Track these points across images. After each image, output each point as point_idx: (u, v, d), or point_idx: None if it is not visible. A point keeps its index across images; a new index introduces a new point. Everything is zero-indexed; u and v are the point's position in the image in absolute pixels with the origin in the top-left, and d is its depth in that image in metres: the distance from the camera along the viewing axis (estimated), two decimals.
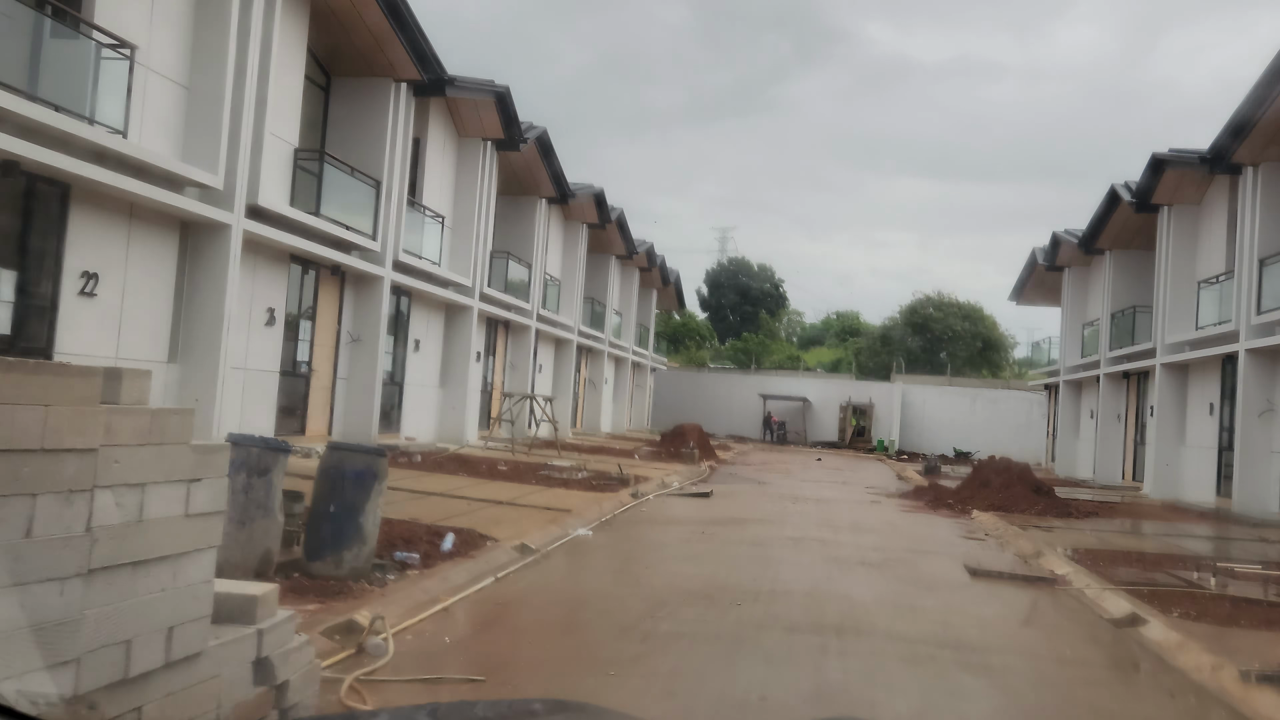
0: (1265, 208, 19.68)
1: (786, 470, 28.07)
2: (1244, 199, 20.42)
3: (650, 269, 42.94)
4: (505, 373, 28.04)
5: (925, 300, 68.00)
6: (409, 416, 21.36)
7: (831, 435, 49.98)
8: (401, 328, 21.06)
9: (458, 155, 23.14)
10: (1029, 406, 46.14)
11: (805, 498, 18.92)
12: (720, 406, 51.56)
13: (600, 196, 31.68)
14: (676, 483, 19.84)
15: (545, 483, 16.40)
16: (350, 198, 17.56)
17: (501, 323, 27.10)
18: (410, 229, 20.24)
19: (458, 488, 14.31)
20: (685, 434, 28.93)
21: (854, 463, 36.36)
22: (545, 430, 32.05)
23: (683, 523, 13.57)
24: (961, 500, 18.73)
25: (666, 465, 23.80)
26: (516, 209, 28.06)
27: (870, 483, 25.61)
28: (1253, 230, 19.77)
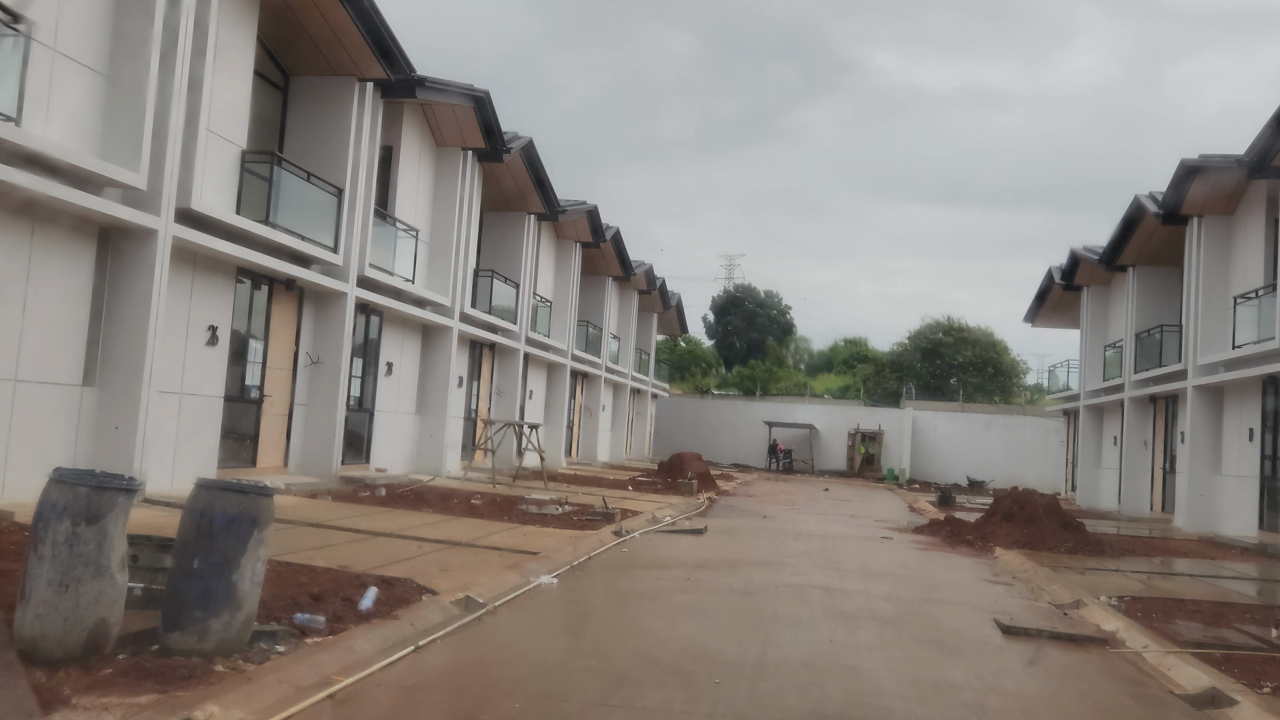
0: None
1: (791, 502, 26.34)
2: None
3: (650, 292, 41.38)
4: (491, 399, 26.41)
5: (935, 325, 66.40)
6: (380, 446, 19.73)
7: (840, 464, 48.20)
8: (371, 350, 19.47)
9: (435, 166, 21.64)
10: (1045, 433, 44.34)
11: (809, 534, 17.21)
12: (724, 434, 49.88)
13: (594, 214, 30.17)
14: (669, 517, 18.15)
15: (519, 519, 14.74)
16: (308, 206, 16.03)
17: (486, 345, 25.50)
18: (379, 243, 18.68)
19: (414, 527, 12.65)
20: (683, 464, 27.24)
21: (863, 493, 34.59)
22: (534, 460, 30.41)
23: (667, 566, 11.87)
24: (982, 536, 17.00)
25: (661, 498, 22.11)
26: (503, 226, 26.55)
27: (881, 515, 23.85)
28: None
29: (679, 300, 47.94)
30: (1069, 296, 34.89)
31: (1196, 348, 22.20)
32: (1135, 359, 27.05)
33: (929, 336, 65.06)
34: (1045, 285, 35.09)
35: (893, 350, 67.82)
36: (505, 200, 26.07)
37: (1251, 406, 20.44)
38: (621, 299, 40.41)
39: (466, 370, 24.35)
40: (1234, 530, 20.33)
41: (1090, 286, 32.12)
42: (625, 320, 40.58)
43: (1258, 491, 19.90)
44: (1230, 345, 20.99)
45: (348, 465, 18.52)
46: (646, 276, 39.75)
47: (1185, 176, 21.26)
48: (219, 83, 13.88)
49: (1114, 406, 30.15)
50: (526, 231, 26.57)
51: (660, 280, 42.55)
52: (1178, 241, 24.46)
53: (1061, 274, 32.60)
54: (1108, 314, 31.77)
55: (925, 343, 64.59)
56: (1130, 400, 27.31)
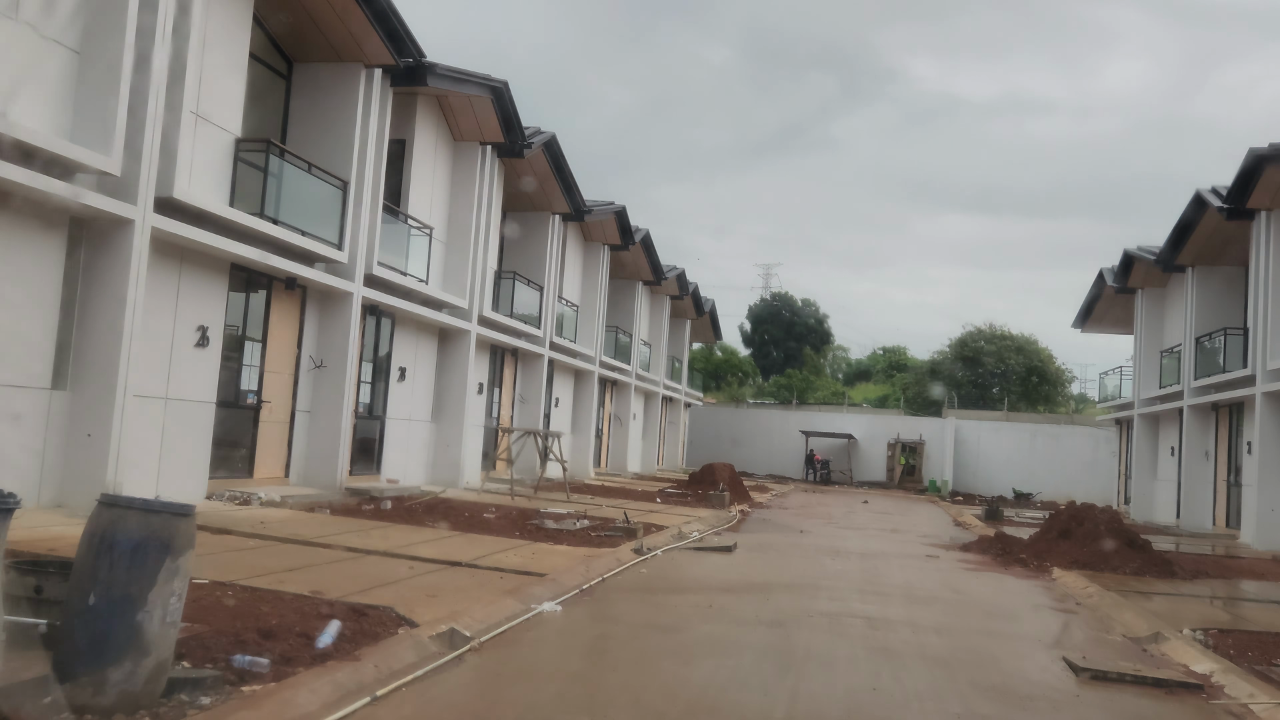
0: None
1: (828, 515, 25.00)
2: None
3: (682, 297, 40.19)
4: (514, 407, 25.35)
5: (976, 333, 64.67)
6: (392, 455, 18.70)
7: (879, 475, 46.68)
8: (383, 354, 18.46)
9: (452, 162, 20.63)
10: (1095, 443, 42.57)
11: (848, 551, 15.91)
12: (760, 444, 48.56)
13: (622, 214, 29.06)
14: (697, 532, 16.93)
15: (531, 535, 13.60)
16: (310, 200, 15.05)
17: (508, 351, 24.44)
18: (390, 241, 17.67)
19: (412, 544, 11.55)
20: (715, 474, 26.00)
21: (904, 505, 33.13)
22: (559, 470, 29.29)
23: (688, 590, 10.67)
24: (1037, 555, 15.62)
25: (690, 511, 20.89)
26: (527, 226, 25.50)
27: (924, 530, 22.48)
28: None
29: (712, 306, 46.71)
30: (1121, 300, 33.26)
31: (1265, 351, 20.64)
32: (1195, 364, 25.45)
33: (970, 344, 63.38)
34: (1096, 288, 33.47)
35: (932, 358, 66.13)
36: (528, 200, 25.04)
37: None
38: (652, 305, 39.25)
39: (487, 376, 23.31)
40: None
41: (1145, 289, 30.51)
42: (656, 326, 39.42)
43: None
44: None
45: (357, 476, 17.50)
46: (678, 281, 38.58)
47: (1253, 166, 19.75)
48: (210, 66, 12.94)
49: (1171, 415, 28.52)
50: (551, 232, 25.51)
51: (693, 286, 41.35)
52: (1242, 239, 22.90)
53: (1114, 276, 31.00)
54: (1164, 317, 30.13)
55: (967, 351, 62.91)
56: (1190, 409, 25.70)
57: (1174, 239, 25.01)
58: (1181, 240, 24.77)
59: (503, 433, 20.41)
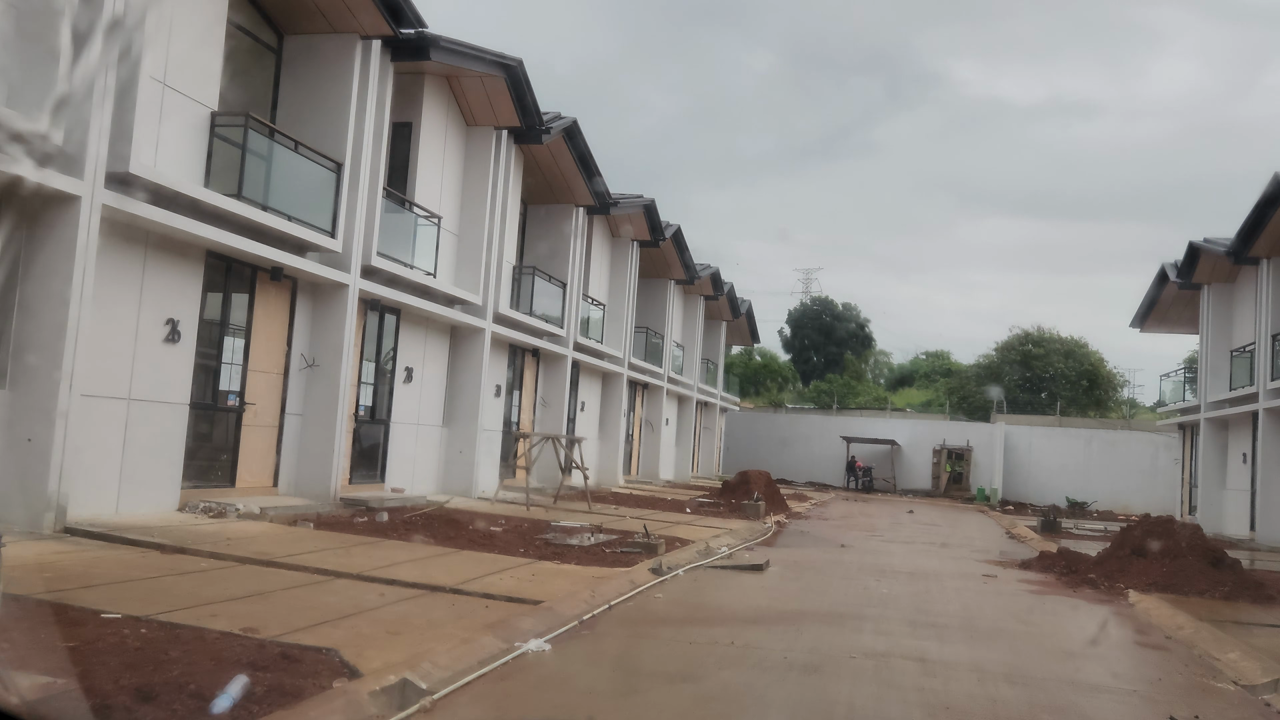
0: None
1: (871, 527, 23.30)
2: None
3: (716, 297, 38.63)
4: (536, 411, 23.92)
5: (1024, 336, 62.42)
6: (397, 462, 17.33)
7: (924, 482, 44.73)
8: (387, 353, 17.11)
9: (465, 148, 19.27)
10: (1154, 450, 40.35)
11: (894, 570, 14.27)
12: (799, 451, 46.78)
13: (651, 209, 27.58)
14: (726, 547, 15.38)
15: (536, 552, 12.13)
16: (298, 182, 13.73)
17: (529, 351, 23.03)
18: (393, 230, 16.33)
19: (395, 564, 10.11)
20: (750, 483, 24.40)
21: (952, 515, 31.29)
22: (591, 478, 27.82)
23: (708, 621, 9.14)
24: (1108, 575, 13.89)
25: (721, 522, 19.34)
26: (549, 220, 24.10)
27: (976, 544, 20.74)
28: None
29: (749, 307, 45.10)
30: (1185, 298, 31.23)
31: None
32: (1271, 364, 23.46)
33: (1018, 347, 61.20)
34: (1157, 286, 31.43)
35: (978, 362, 63.97)
36: (549, 191, 23.64)
37: None
38: (686, 305, 37.73)
39: (505, 378, 21.91)
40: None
41: (1211, 285, 28.49)
42: (690, 328, 37.88)
43: None
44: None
45: (358, 484, 16.15)
46: (712, 280, 37.02)
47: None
48: (181, 32, 11.65)
49: (1243, 419, 26.49)
50: (574, 226, 24.08)
51: (728, 285, 39.77)
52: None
53: (1177, 271, 28.98)
54: (1232, 315, 28.09)
55: (1014, 354, 60.73)
56: (1266, 412, 23.70)
57: (1248, 228, 23.05)
58: (1256, 229, 22.81)
59: (519, 438, 18.97)
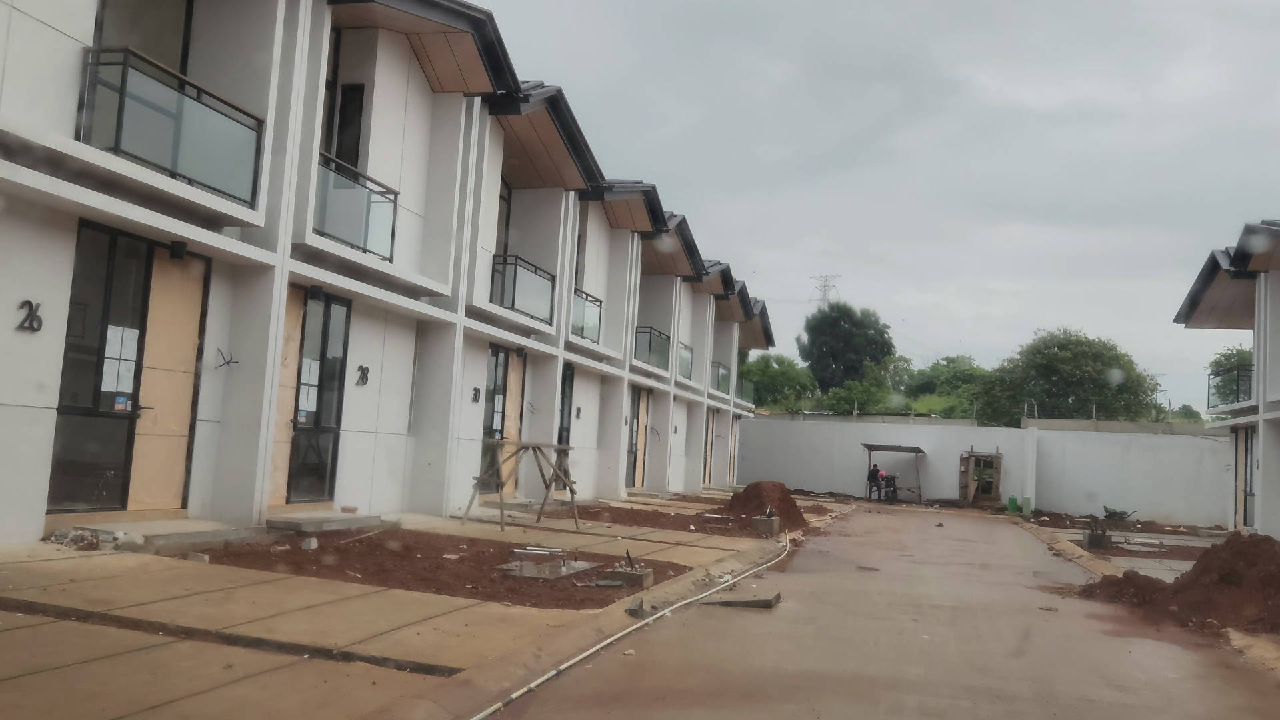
0: None
1: (899, 544, 20.78)
2: None
3: (727, 296, 36.16)
4: (523, 418, 21.52)
5: (1050, 339, 59.77)
6: (350, 477, 14.95)
7: (951, 492, 42.10)
8: (334, 349, 14.75)
9: (431, 116, 16.93)
10: (1198, 455, 37.60)
11: (933, 603, 11.76)
12: (818, 460, 44.27)
13: (651, 195, 25.17)
14: (729, 575, 12.94)
15: (487, 590, 9.70)
16: (205, 140, 11.41)
17: (513, 351, 20.63)
18: (339, 206, 14.01)
19: (282, 613, 7.71)
20: (761, 496, 21.93)
21: (984, 528, 28.70)
22: (589, 491, 25.43)
23: (686, 698, 6.69)
24: (1193, 607, 11.37)
25: (729, 542, 16.90)
26: (536, 206, 21.75)
27: (1018, 562, 18.21)
28: None
29: (762, 308, 42.58)
30: (1236, 288, 28.57)
31: None
32: None
33: (1044, 351, 58.56)
34: (1205, 276, 28.75)
35: (1001, 368, 61.36)
36: (535, 174, 21.27)
37: None
38: (694, 305, 35.29)
39: (486, 380, 19.54)
40: None
41: (1270, 272, 25.85)
42: (699, 329, 35.43)
43: None
44: None
45: (299, 504, 13.78)
46: (722, 278, 34.56)
47: None
48: None
49: None
50: (564, 211, 21.70)
51: (739, 284, 37.29)
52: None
53: (1231, 258, 26.35)
54: None
55: (1040, 358, 58.09)
56: None
57: None
58: None
59: (492, 448, 16.57)
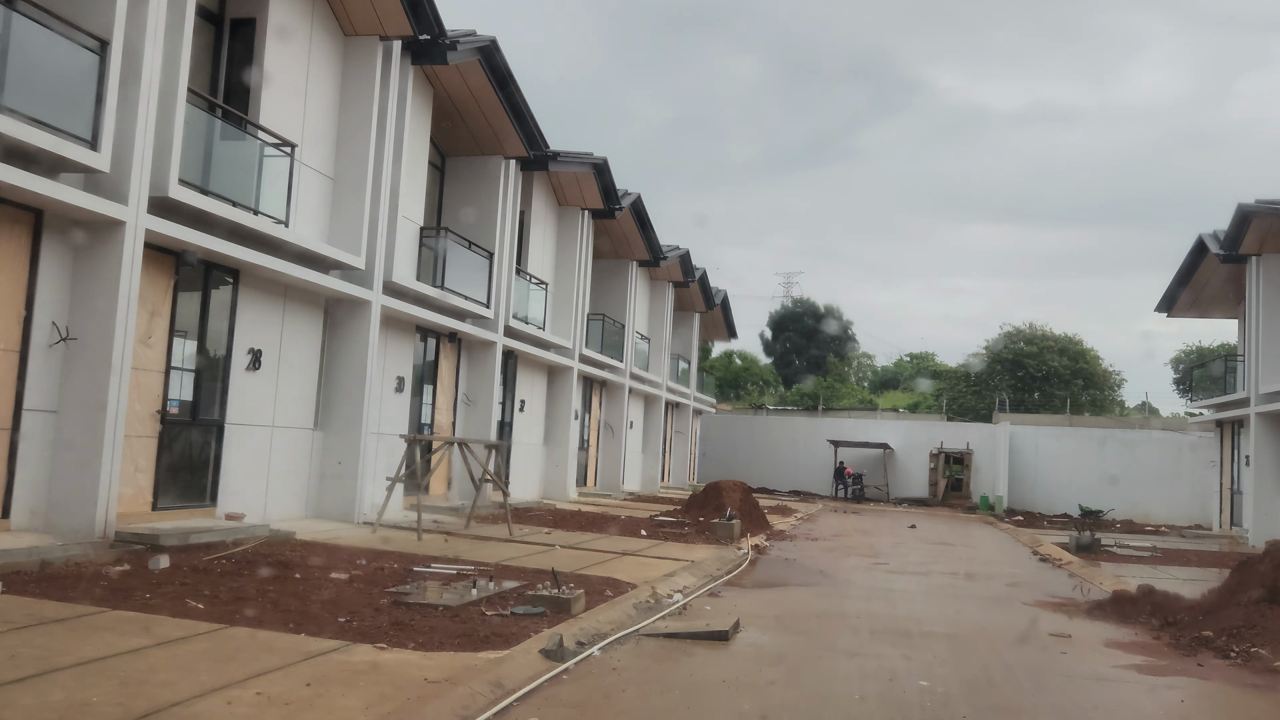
0: None
1: (871, 549, 18.88)
2: None
3: (687, 284, 34.13)
4: (458, 410, 19.37)
5: (1016, 334, 58.50)
6: (238, 479, 12.74)
7: (920, 490, 40.40)
8: (217, 328, 12.55)
9: (341, 62, 14.74)
10: (1177, 451, 36.14)
11: (922, 628, 9.79)
12: (782, 456, 42.41)
13: (603, 169, 23.07)
14: (681, 592, 10.92)
15: (368, 622, 7.59)
16: (26, 62, 9.19)
17: (443, 335, 18.48)
18: (223, 160, 11.80)
19: (49, 671, 5.56)
20: (721, 496, 19.93)
21: (959, 529, 26.94)
22: (535, 491, 23.34)
23: None
24: (1233, 633, 9.48)
25: (682, 550, 14.89)
26: (472, 176, 19.58)
27: (1006, 570, 16.37)
28: None
29: (724, 298, 40.62)
30: (1224, 274, 27.02)
31: None
32: None
33: (1010, 346, 57.31)
34: (1191, 260, 27.14)
35: (967, 363, 60.08)
36: (472, 140, 19.12)
37: None
38: (652, 293, 33.27)
39: (412, 368, 17.38)
40: None
41: (1263, 255, 24.25)
42: (657, 318, 33.40)
43: None
44: None
45: (171, 510, 11.57)
46: (681, 264, 32.54)
47: None
48: None
49: None
50: (504, 182, 19.55)
51: (700, 271, 35.32)
52: None
53: (1221, 241, 24.72)
54: None
55: (1007, 353, 56.83)
56: None
57: None
58: None
59: (410, 443, 14.40)
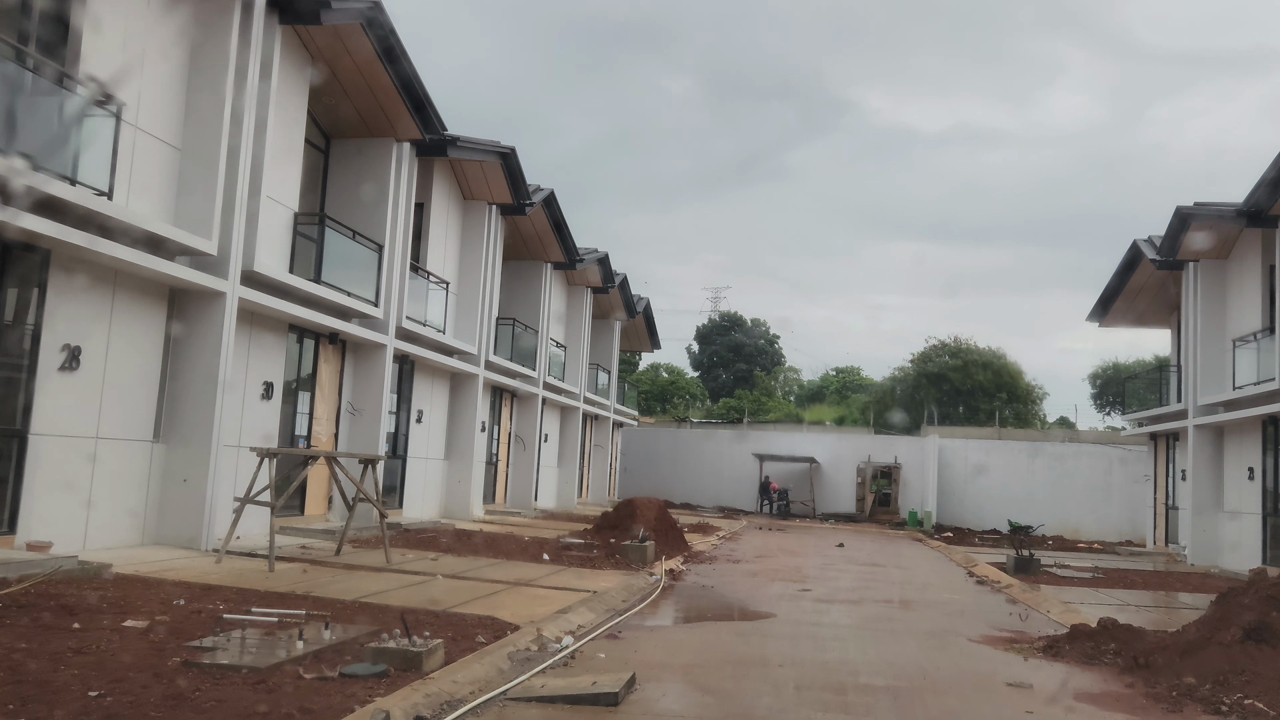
0: None
1: (798, 572, 17.30)
2: None
3: (606, 290, 32.41)
4: (339, 421, 17.34)
5: (940, 347, 58.09)
6: (43, 502, 10.63)
7: (847, 505, 39.19)
8: (16, 320, 10.46)
9: (193, 9, 12.76)
10: (1107, 465, 35.42)
11: (857, 682, 8.10)
12: (706, 471, 40.92)
13: (511, 159, 21.25)
14: (573, 634, 9.14)
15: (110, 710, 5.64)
16: None
17: (325, 336, 16.48)
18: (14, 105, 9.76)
19: None
20: (635, 515, 18.18)
21: (889, 547, 25.58)
22: (434, 510, 21.37)
23: None
24: (1219, 679, 8.00)
25: (586, 578, 13.11)
26: (359, 158, 17.64)
27: (943, 595, 14.89)
28: None
29: (646, 306, 39.02)
30: (1158, 283, 26.20)
31: None
32: None
33: (934, 359, 56.89)
34: (1125, 268, 26.24)
35: (892, 376, 59.52)
36: (358, 118, 17.20)
37: None
38: (570, 298, 31.50)
39: (283, 372, 15.35)
40: None
41: (1200, 262, 23.35)
42: (575, 325, 31.63)
43: None
44: None
45: None
46: (600, 268, 30.81)
47: None
48: None
49: (1249, 425, 21.31)
50: (396, 167, 17.64)
51: (621, 277, 33.64)
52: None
53: (1159, 247, 23.79)
54: (1226, 297, 23.01)
55: (931, 366, 56.38)
56: None
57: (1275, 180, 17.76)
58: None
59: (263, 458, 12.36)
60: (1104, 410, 65.65)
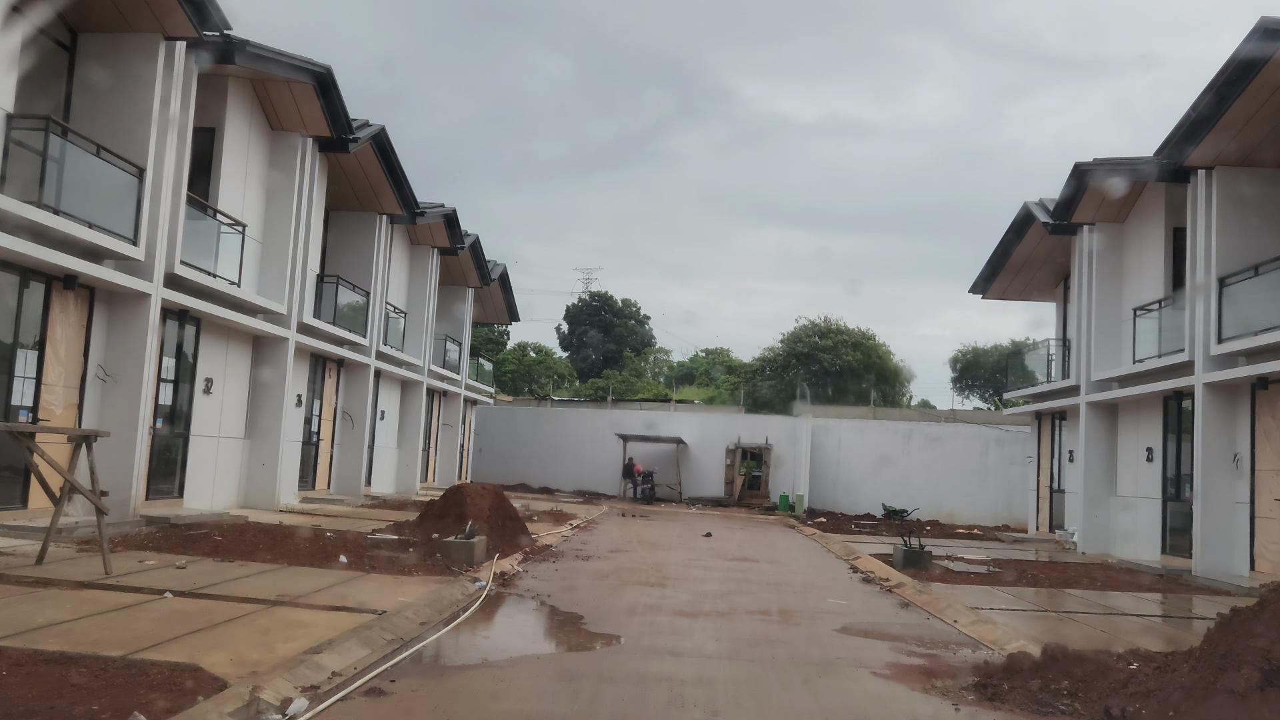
0: None
1: (657, 570, 14.59)
2: None
3: (455, 251, 29.02)
4: (87, 389, 13.71)
5: (810, 327, 56.73)
6: None
7: (715, 488, 36.89)
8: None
9: None
10: (983, 446, 34.00)
11: None
12: (568, 453, 38.11)
13: (326, 81, 17.78)
14: (318, 686, 6.13)
15: None
16: None
17: (55, 280, 12.84)
18: None
19: None
20: (465, 505, 15.12)
21: (760, 536, 23.21)
22: (230, 497, 17.85)
23: None
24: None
25: (385, 589, 10.04)
26: (109, 53, 13.98)
27: (827, 600, 12.37)
28: None
29: (504, 273, 35.77)
30: (1045, 251, 24.48)
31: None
32: (1219, 319, 16.42)
33: (804, 339, 55.52)
34: (1014, 233, 24.41)
35: (763, 356, 57.94)
36: (112, 10, 13.54)
37: None
38: (412, 259, 28.07)
39: (10, 326, 11.74)
40: None
41: (1097, 225, 21.59)
42: (418, 290, 28.20)
43: None
44: None
45: None
46: (447, 226, 27.45)
47: None
48: None
49: (1149, 401, 19.62)
50: (161, 70, 14.02)
51: (472, 238, 30.33)
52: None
53: (1053, 209, 21.91)
54: (1123, 264, 21.33)
55: (801, 346, 55.00)
56: (1208, 389, 16.61)
57: (1197, 120, 15.81)
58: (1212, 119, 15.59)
59: None
60: (963, 394, 65.84)
